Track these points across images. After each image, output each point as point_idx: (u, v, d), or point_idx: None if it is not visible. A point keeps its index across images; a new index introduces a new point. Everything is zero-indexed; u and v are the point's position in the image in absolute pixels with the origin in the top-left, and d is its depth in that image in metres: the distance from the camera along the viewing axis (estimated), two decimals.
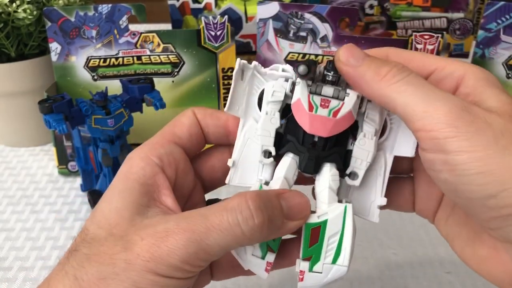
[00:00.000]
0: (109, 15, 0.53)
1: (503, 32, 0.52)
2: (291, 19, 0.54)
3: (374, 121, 0.27)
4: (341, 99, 0.27)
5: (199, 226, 0.23)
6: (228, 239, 0.23)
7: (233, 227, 0.23)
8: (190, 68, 0.57)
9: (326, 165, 0.28)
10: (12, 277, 0.43)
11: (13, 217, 0.51)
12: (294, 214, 0.25)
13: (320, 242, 0.26)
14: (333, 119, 0.27)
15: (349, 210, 0.26)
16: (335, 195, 0.27)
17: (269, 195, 0.25)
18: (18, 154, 0.62)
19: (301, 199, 0.26)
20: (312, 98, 0.27)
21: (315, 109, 0.27)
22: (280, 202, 0.25)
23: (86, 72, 0.56)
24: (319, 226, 0.26)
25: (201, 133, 0.29)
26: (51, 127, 0.44)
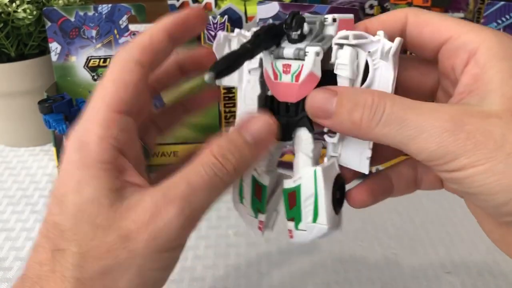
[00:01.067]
0: (109, 15, 0.53)
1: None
2: None
3: (345, 70, 0.26)
4: (302, 59, 0.26)
5: (185, 190, 0.23)
6: (213, 191, 0.24)
7: (213, 179, 0.24)
8: None
9: (299, 130, 0.28)
10: (12, 277, 0.43)
11: (13, 217, 0.51)
12: (260, 140, 0.26)
13: (298, 205, 0.27)
14: (296, 84, 0.26)
15: (319, 173, 0.26)
16: (308, 158, 0.27)
17: (231, 137, 0.25)
18: (18, 154, 0.62)
19: (261, 122, 0.26)
20: (275, 64, 0.27)
21: (279, 76, 0.27)
22: (244, 136, 0.25)
23: (86, 72, 0.55)
24: (294, 191, 0.27)
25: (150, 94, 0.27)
26: (51, 127, 0.44)
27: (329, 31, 0.27)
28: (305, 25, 0.26)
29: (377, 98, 0.23)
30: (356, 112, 0.24)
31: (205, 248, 0.46)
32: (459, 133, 0.22)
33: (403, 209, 0.30)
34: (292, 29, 0.26)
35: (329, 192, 0.26)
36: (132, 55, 0.26)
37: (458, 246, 0.47)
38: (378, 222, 0.29)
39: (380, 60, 0.25)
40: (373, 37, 0.25)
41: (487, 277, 0.43)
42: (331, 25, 0.26)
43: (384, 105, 0.23)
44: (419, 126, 0.22)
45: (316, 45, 0.26)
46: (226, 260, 0.45)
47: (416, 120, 0.22)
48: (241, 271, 0.44)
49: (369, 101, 0.23)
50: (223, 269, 0.44)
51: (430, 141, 0.22)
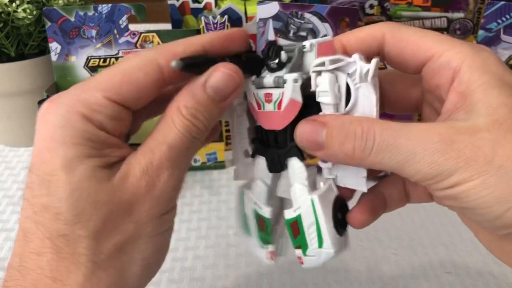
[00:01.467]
0: (109, 15, 0.53)
1: (503, 32, 0.52)
2: (291, 19, 0.54)
3: (327, 96, 0.25)
4: (282, 87, 0.26)
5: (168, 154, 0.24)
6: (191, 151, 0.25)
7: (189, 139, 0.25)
8: None
9: (290, 159, 0.28)
10: None
11: (13, 217, 0.51)
12: (224, 94, 0.26)
13: (302, 233, 0.27)
14: (279, 112, 0.26)
15: (316, 201, 0.26)
16: (304, 187, 0.27)
17: (196, 95, 0.25)
18: (18, 154, 0.62)
19: (222, 73, 0.25)
20: (257, 94, 0.27)
21: (263, 106, 0.27)
22: (208, 92, 0.25)
23: (86, 72, 0.55)
24: (296, 220, 0.27)
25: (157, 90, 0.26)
26: None
27: (309, 57, 0.27)
28: (282, 53, 0.27)
29: (366, 127, 0.24)
30: (347, 144, 0.24)
31: (205, 248, 0.46)
32: (449, 152, 0.22)
33: (403, 209, 0.30)
34: (270, 58, 0.27)
35: (329, 217, 0.27)
36: (156, 57, 0.25)
37: (458, 246, 0.47)
38: (378, 222, 0.29)
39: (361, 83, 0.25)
40: (349, 59, 0.25)
41: (487, 277, 0.43)
42: (310, 51, 0.26)
43: (374, 133, 0.23)
44: (410, 151, 0.22)
45: (294, 72, 0.26)
46: (226, 260, 0.45)
47: (406, 145, 0.23)
48: (241, 271, 0.44)
49: (359, 131, 0.24)
50: (223, 269, 0.44)
51: (422, 164, 0.22)
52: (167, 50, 0.26)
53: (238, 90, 0.26)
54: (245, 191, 0.30)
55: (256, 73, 0.27)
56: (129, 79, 0.25)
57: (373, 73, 0.24)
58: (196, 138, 0.25)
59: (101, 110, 0.24)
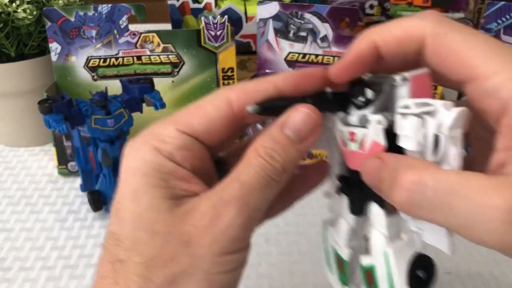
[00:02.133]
0: (109, 15, 0.53)
1: (503, 32, 0.52)
2: (291, 19, 0.54)
3: (409, 142, 0.23)
4: (366, 127, 0.24)
5: (240, 191, 0.23)
6: (266, 190, 0.24)
7: (264, 179, 0.24)
8: (190, 68, 0.57)
9: (371, 204, 0.26)
10: (12, 277, 0.43)
11: (13, 217, 0.51)
12: (303, 135, 0.24)
13: (375, 284, 0.26)
14: (363, 153, 0.25)
15: (390, 254, 0.25)
16: (381, 236, 0.25)
17: (274, 135, 0.24)
18: (18, 154, 0.62)
19: (301, 114, 0.24)
20: (343, 131, 0.26)
21: (347, 144, 0.26)
22: (285, 133, 0.24)
23: (86, 72, 0.55)
24: (370, 269, 0.26)
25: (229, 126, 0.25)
26: (51, 127, 0.44)
27: (401, 92, 0.24)
28: (367, 90, 0.25)
29: (416, 176, 0.20)
30: (394, 192, 0.21)
31: None
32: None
33: None
34: (355, 96, 0.25)
35: (403, 274, 0.24)
36: (227, 93, 0.25)
37: (458, 246, 0.47)
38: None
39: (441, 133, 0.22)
40: (439, 103, 0.22)
41: (487, 277, 0.43)
42: (401, 85, 0.23)
43: (425, 187, 0.20)
44: (469, 217, 0.19)
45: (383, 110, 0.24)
46: None
47: (464, 208, 0.19)
48: None
49: (406, 181, 0.21)
50: None
51: (487, 237, 0.19)
52: (238, 86, 0.26)
53: (317, 131, 0.25)
54: (328, 227, 0.29)
55: (344, 110, 0.26)
56: (200, 112, 0.25)
57: (450, 125, 0.21)
58: (272, 178, 0.24)
59: (171, 141, 0.24)
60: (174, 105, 0.58)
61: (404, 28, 0.24)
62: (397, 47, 0.24)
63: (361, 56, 0.24)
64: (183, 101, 0.58)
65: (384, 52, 0.24)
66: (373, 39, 0.24)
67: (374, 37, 0.24)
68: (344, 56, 0.25)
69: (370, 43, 0.24)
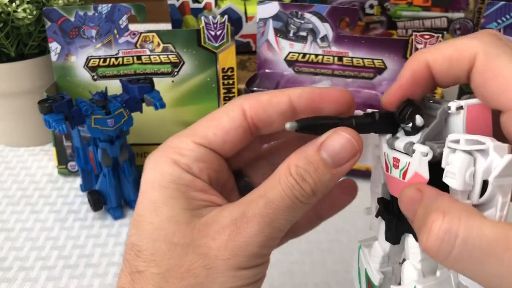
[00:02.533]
0: (109, 15, 0.53)
1: (503, 32, 0.52)
2: (291, 19, 0.54)
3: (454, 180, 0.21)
4: (411, 155, 0.23)
5: (264, 209, 0.23)
6: (291, 211, 0.23)
7: (291, 199, 0.23)
8: (190, 68, 0.57)
9: (407, 235, 0.25)
10: (12, 277, 0.43)
11: (13, 217, 0.51)
12: (339, 160, 0.23)
13: None
14: (403, 182, 0.23)
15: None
16: (414, 269, 0.24)
17: (309, 155, 0.23)
18: (18, 154, 0.62)
19: (343, 140, 0.23)
20: (388, 155, 0.24)
21: (390, 169, 0.24)
22: (321, 156, 0.23)
23: (86, 72, 0.55)
24: None
25: (243, 136, 0.26)
26: (51, 127, 0.44)
27: (455, 121, 0.22)
28: (417, 117, 0.23)
29: (449, 225, 0.19)
30: (423, 233, 0.20)
31: None
32: None
33: None
34: (404, 120, 0.23)
35: None
36: (241, 102, 0.25)
37: None
38: None
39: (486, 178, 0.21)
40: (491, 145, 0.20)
41: None
42: (455, 114, 0.22)
43: (455, 237, 0.19)
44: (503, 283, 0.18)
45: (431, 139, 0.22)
46: None
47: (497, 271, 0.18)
48: None
49: (436, 227, 0.19)
50: None
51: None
52: (253, 96, 0.25)
53: (355, 159, 0.23)
54: (363, 248, 0.28)
55: (392, 132, 0.24)
56: (215, 124, 0.25)
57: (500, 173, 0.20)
58: (300, 200, 0.23)
59: (188, 154, 0.25)
60: (174, 105, 0.58)
61: (457, 47, 0.22)
62: (449, 67, 0.23)
63: (414, 77, 0.23)
64: (183, 101, 0.58)
65: (436, 72, 0.23)
66: (425, 59, 0.23)
67: (425, 56, 0.23)
68: (397, 80, 0.24)
69: (422, 63, 0.23)
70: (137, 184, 0.51)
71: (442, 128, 0.23)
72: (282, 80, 0.56)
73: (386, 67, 0.53)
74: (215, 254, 0.22)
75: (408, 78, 0.24)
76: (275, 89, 0.54)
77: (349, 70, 0.54)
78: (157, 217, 0.24)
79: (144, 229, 0.24)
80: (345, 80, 0.55)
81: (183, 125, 0.60)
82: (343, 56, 0.54)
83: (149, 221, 0.24)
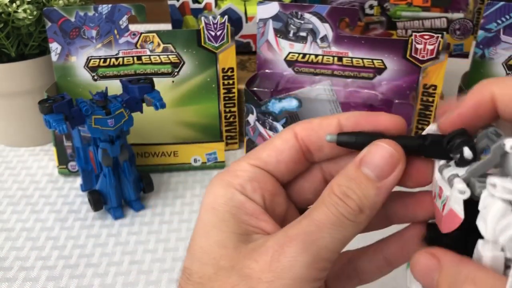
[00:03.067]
0: (109, 15, 0.54)
1: (503, 32, 0.52)
2: (291, 19, 0.54)
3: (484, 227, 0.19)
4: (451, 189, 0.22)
5: (307, 227, 0.22)
6: (338, 229, 0.22)
7: (336, 217, 0.22)
8: (190, 68, 0.57)
9: None
10: (12, 277, 0.43)
11: (13, 217, 0.51)
12: (382, 173, 0.22)
13: None
14: (442, 214, 0.22)
15: None
16: None
17: (349, 173, 0.23)
18: (18, 154, 0.62)
19: (383, 152, 0.23)
20: (436, 182, 0.23)
21: (436, 197, 0.23)
22: (363, 171, 0.23)
23: (86, 72, 0.56)
24: None
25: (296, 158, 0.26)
26: (51, 127, 0.44)
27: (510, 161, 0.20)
28: (465, 149, 0.21)
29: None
30: None
31: None
32: None
33: None
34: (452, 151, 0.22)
35: None
36: (293, 127, 0.26)
37: None
38: None
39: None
40: None
41: None
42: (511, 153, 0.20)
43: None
44: None
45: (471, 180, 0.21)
46: None
47: None
48: None
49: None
50: None
51: None
52: (304, 121, 0.26)
53: (398, 169, 0.23)
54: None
55: (446, 158, 0.23)
56: (269, 146, 0.26)
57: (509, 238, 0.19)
58: (346, 217, 0.22)
59: (242, 174, 0.25)
60: (174, 105, 0.58)
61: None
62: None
63: (477, 109, 0.22)
64: (183, 101, 0.58)
65: (501, 108, 0.22)
66: (491, 91, 0.22)
67: (493, 88, 0.22)
68: (458, 106, 0.23)
69: (488, 94, 0.22)
70: (137, 184, 0.51)
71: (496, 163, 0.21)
72: (282, 80, 0.56)
73: (386, 67, 0.53)
74: (258, 276, 0.22)
75: (469, 108, 0.22)
76: (275, 89, 0.55)
77: (349, 70, 0.54)
78: (206, 241, 0.24)
79: (194, 253, 0.24)
80: (345, 80, 0.55)
81: (183, 125, 0.60)
82: (343, 56, 0.54)
83: (200, 245, 0.24)
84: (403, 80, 0.53)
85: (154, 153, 0.57)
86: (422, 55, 0.52)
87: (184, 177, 0.57)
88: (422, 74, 0.52)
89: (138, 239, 0.48)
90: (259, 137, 0.57)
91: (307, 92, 0.55)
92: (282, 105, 0.54)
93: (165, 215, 0.51)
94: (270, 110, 0.55)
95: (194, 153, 0.57)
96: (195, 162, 0.58)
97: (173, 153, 0.57)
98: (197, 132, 0.60)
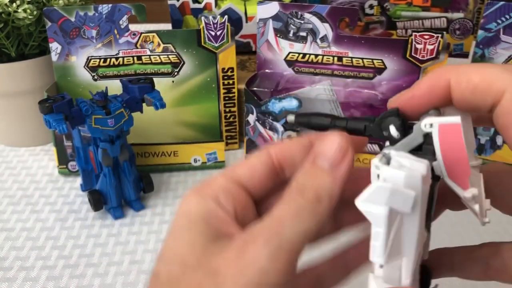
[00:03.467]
0: (109, 15, 0.54)
1: (503, 32, 0.52)
2: (291, 19, 0.54)
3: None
4: None
5: (269, 223, 0.23)
6: (299, 220, 0.23)
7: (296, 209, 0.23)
8: (190, 68, 0.57)
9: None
10: (12, 277, 0.43)
11: (13, 217, 0.51)
12: (336, 161, 0.24)
13: None
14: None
15: None
16: None
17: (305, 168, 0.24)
18: (18, 154, 0.62)
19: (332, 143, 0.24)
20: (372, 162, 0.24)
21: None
22: (317, 163, 0.24)
23: (86, 72, 0.56)
24: None
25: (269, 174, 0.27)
26: (51, 127, 0.44)
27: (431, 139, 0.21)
28: (391, 127, 0.22)
29: None
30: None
31: None
32: None
33: None
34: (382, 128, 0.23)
35: None
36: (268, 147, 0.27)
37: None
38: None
39: None
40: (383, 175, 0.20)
41: None
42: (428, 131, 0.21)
43: None
44: None
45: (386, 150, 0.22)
46: None
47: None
48: None
49: None
50: None
51: None
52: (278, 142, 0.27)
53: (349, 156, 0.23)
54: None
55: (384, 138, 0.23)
56: (244, 162, 0.26)
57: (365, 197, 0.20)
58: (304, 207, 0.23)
59: (215, 186, 0.26)
60: (174, 105, 0.58)
61: (485, 77, 0.21)
62: (471, 95, 0.21)
63: (430, 93, 0.23)
64: (183, 101, 0.58)
65: (455, 96, 0.22)
66: (447, 78, 0.22)
67: (449, 75, 0.22)
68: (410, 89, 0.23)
69: (444, 81, 0.22)
70: (137, 184, 0.51)
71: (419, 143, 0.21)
72: (282, 80, 0.56)
73: (385, 67, 0.53)
74: (224, 271, 0.22)
75: (423, 92, 0.23)
76: (275, 88, 0.55)
77: (349, 70, 0.54)
78: (175, 243, 0.24)
79: (164, 255, 0.25)
80: (345, 80, 0.55)
81: (183, 125, 0.60)
82: (343, 56, 0.54)
83: (169, 247, 0.25)
84: (403, 80, 0.53)
85: (154, 153, 0.57)
86: (422, 55, 0.52)
87: (184, 177, 0.57)
88: (422, 74, 0.52)
89: (138, 239, 0.48)
90: (259, 137, 0.57)
91: (307, 92, 0.55)
92: (282, 105, 0.54)
93: (165, 215, 0.51)
94: (270, 110, 0.55)
95: (194, 153, 0.57)
96: (195, 162, 0.58)
97: (173, 153, 0.57)
98: (197, 132, 0.60)
